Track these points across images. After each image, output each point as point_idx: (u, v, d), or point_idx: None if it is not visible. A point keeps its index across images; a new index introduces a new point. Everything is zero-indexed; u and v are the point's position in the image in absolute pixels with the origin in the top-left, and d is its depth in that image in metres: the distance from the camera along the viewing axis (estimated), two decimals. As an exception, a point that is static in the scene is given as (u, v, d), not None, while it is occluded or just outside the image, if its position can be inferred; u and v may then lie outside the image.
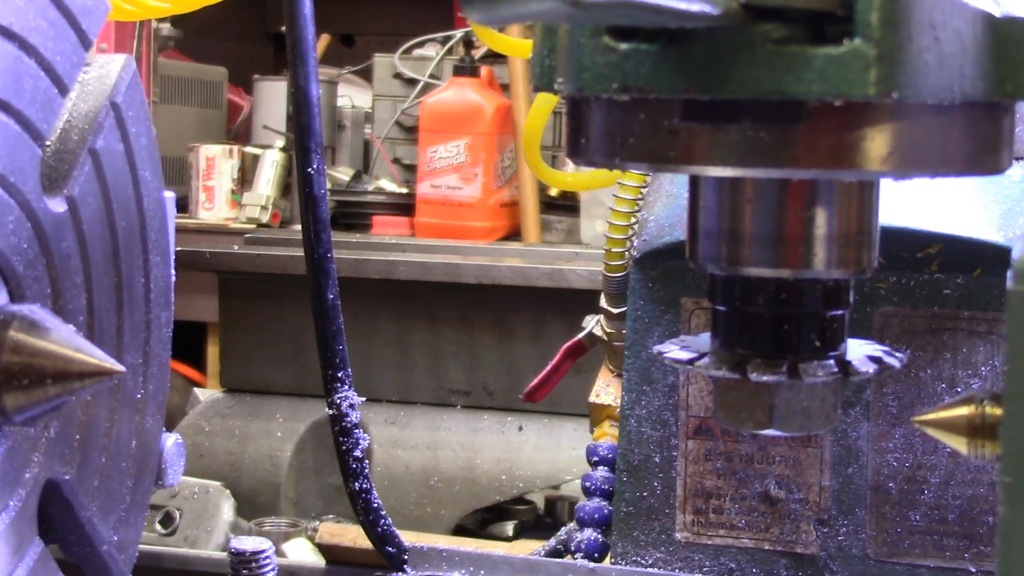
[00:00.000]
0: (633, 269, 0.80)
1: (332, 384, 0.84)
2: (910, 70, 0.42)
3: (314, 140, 0.83)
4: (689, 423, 0.79)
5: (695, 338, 0.56)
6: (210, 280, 2.07)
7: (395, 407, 1.94)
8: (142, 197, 0.66)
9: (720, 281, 0.53)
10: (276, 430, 1.91)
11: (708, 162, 0.46)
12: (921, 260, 0.74)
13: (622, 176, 0.84)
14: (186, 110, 3.03)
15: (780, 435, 0.68)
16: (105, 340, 0.63)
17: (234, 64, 3.30)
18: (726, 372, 0.52)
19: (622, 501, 0.80)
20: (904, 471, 0.76)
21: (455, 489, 1.85)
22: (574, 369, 0.97)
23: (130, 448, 0.67)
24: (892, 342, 0.74)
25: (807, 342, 0.52)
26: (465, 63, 2.47)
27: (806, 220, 0.50)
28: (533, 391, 0.98)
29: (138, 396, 0.68)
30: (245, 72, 3.17)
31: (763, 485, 0.78)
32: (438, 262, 1.93)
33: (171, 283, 0.71)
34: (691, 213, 0.52)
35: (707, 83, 0.44)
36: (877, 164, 0.46)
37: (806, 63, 0.42)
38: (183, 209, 2.70)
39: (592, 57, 0.45)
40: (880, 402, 0.76)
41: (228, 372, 2.04)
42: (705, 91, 0.44)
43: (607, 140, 0.49)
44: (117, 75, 0.64)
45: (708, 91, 0.44)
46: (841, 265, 0.51)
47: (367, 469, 0.85)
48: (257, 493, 1.84)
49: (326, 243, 0.84)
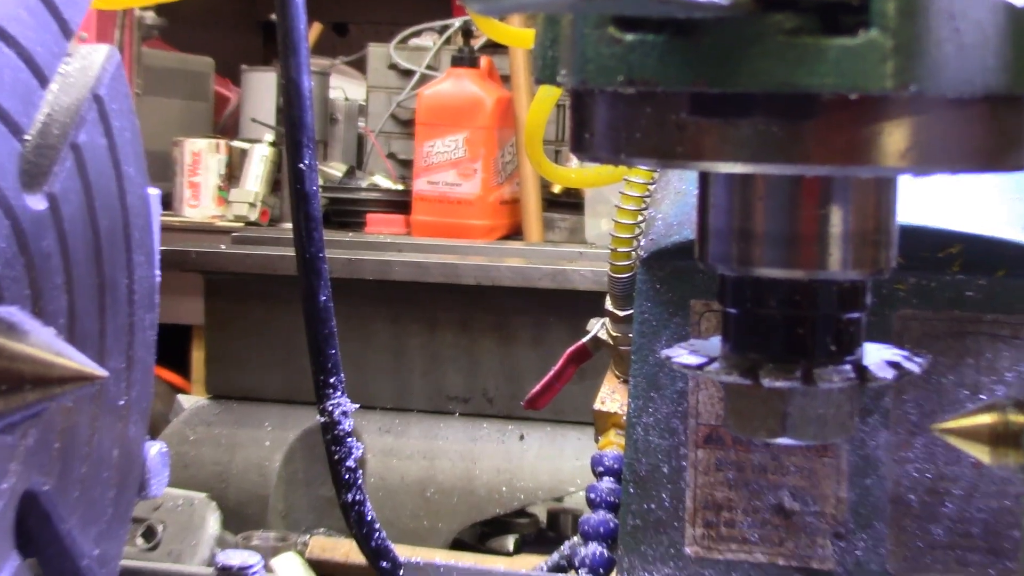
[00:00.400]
0: (640, 270, 0.80)
1: (324, 390, 0.84)
2: (929, 62, 0.43)
3: (306, 134, 0.83)
4: (699, 431, 0.79)
5: (705, 342, 0.56)
6: (195, 281, 2.07)
7: (390, 414, 1.95)
8: (126, 194, 0.67)
9: (731, 282, 0.53)
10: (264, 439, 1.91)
11: (718, 158, 0.47)
12: (942, 260, 0.75)
13: (628, 172, 0.84)
14: (171, 102, 3.04)
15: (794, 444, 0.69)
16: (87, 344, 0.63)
17: (221, 54, 3.30)
18: (737, 377, 0.52)
19: (628, 513, 0.80)
20: (925, 482, 0.76)
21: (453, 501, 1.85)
22: (578, 375, 0.97)
23: (112, 457, 0.67)
24: (912, 346, 0.75)
25: (822, 346, 0.52)
26: (464, 53, 2.47)
27: (821, 218, 0.50)
28: (535, 398, 0.98)
29: (121, 402, 0.68)
30: (233, 63, 3.17)
31: (777, 497, 0.78)
32: (435, 262, 1.93)
33: (156, 284, 0.72)
34: (700, 211, 0.53)
35: (716, 76, 0.44)
36: (895, 160, 0.46)
37: (820, 55, 0.43)
38: (167, 206, 2.70)
39: (596, 48, 0.46)
40: (900, 410, 0.76)
41: (214, 378, 2.04)
42: (714, 84, 0.44)
43: (612, 135, 0.49)
44: (100, 66, 0.64)
45: (717, 84, 0.44)
46: (858, 265, 0.51)
47: (360, 480, 0.85)
48: (244, 505, 1.84)
49: (318, 242, 0.84)
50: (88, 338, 0.64)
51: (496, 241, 2.40)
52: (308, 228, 0.84)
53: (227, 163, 2.80)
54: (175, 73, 3.07)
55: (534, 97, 0.96)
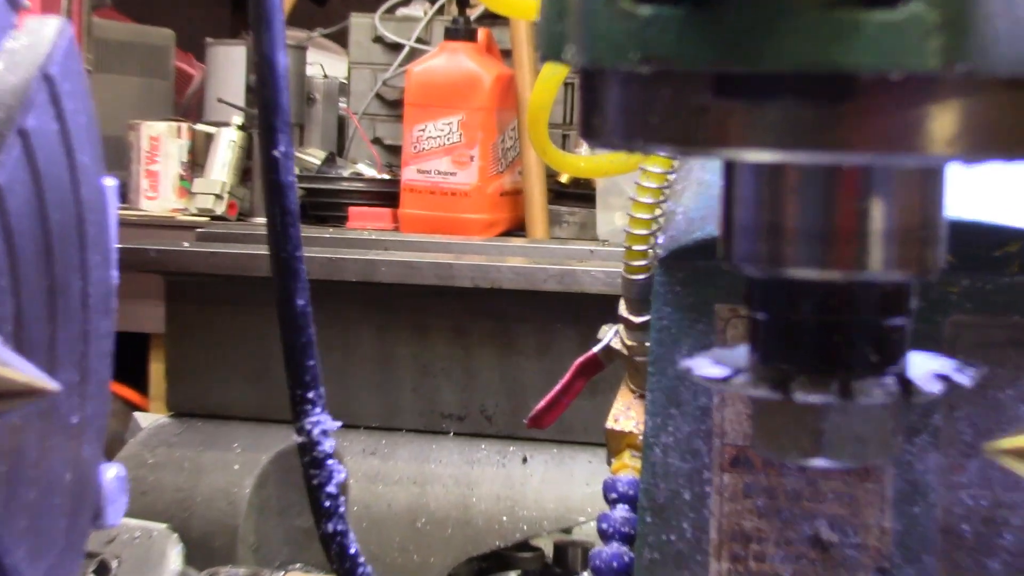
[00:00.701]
0: (658, 270, 0.81)
1: (301, 406, 0.85)
2: (979, 38, 0.43)
3: (280, 117, 0.84)
4: (724, 453, 0.80)
5: (730, 352, 0.57)
6: (154, 283, 2.08)
7: (376, 434, 1.95)
8: (80, 185, 0.67)
9: (759, 284, 0.54)
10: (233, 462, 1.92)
11: (744, 144, 0.47)
12: (998, 260, 0.75)
13: (645, 161, 0.84)
14: (125, 80, 3.04)
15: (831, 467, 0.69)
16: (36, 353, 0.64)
17: (183, 26, 3.31)
18: (766, 391, 0.53)
19: (645, 546, 0.81)
20: (980, 510, 0.77)
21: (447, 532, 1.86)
22: (588, 389, 0.98)
23: (64, 481, 0.68)
24: (964, 356, 0.75)
25: (862, 356, 0.53)
26: (458, 25, 2.48)
27: (859, 212, 0.51)
28: (540, 415, 0.99)
29: (74, 420, 0.69)
30: (196, 35, 3.18)
31: (813, 527, 0.78)
32: (427, 262, 1.94)
33: (113, 287, 0.72)
34: (725, 205, 0.53)
35: (742, 54, 0.44)
36: (942, 147, 0.46)
37: (857, 30, 0.43)
38: (122, 198, 2.71)
39: (608, 23, 0.46)
40: (951, 428, 0.77)
41: (176, 393, 2.05)
42: (739, 63, 0.45)
43: (626, 119, 0.50)
44: (51, 42, 0.65)
45: (743, 63, 0.45)
46: (901, 265, 0.52)
47: (343, 508, 0.86)
48: (210, 537, 1.85)
49: (294, 239, 0.85)
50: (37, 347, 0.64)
51: (495, 238, 2.41)
52: (283, 223, 0.84)
53: (190, 149, 2.81)
54: (130, 47, 3.08)
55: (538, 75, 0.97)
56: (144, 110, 2.98)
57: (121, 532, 1.65)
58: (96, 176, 0.70)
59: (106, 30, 2.96)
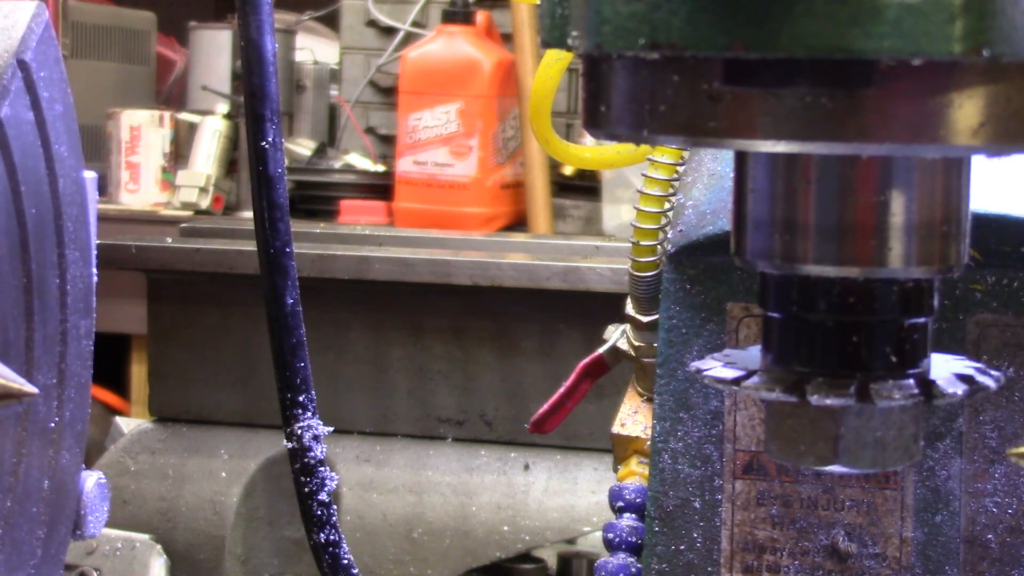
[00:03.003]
0: (667, 267, 0.81)
1: (291, 411, 0.85)
2: (1004, 22, 0.43)
3: (269, 106, 0.84)
4: (736, 459, 0.80)
5: (743, 352, 0.57)
6: (136, 281, 2.08)
7: (370, 440, 1.95)
8: (57, 178, 0.68)
9: (773, 282, 0.54)
10: (220, 469, 1.92)
11: (757, 134, 0.47)
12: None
13: (653, 152, 0.85)
14: (104, 66, 3.04)
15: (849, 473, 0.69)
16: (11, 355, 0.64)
17: (164, 8, 3.31)
18: (780, 394, 0.53)
19: (654, 556, 0.81)
20: (1005, 519, 0.77)
21: (444, 543, 1.86)
22: (593, 392, 0.98)
23: (42, 489, 0.68)
24: (989, 357, 0.75)
25: (881, 357, 0.53)
26: (457, 7, 2.48)
27: (879, 206, 0.51)
28: (542, 420, 0.99)
29: (52, 425, 0.69)
30: (178, 18, 3.18)
31: (830, 536, 0.79)
32: (423, 258, 1.94)
33: (92, 285, 0.72)
34: (737, 198, 0.53)
35: (755, 38, 0.45)
36: (966, 137, 0.47)
37: (876, 14, 0.43)
38: (101, 192, 2.71)
39: (614, 6, 0.47)
40: (976, 433, 0.77)
41: (159, 397, 2.05)
42: (753, 48, 0.45)
43: (633, 108, 0.50)
44: (26, 26, 0.65)
45: (756, 48, 0.45)
46: (923, 262, 0.52)
47: (335, 517, 0.86)
48: (196, 548, 1.85)
49: (283, 234, 0.85)
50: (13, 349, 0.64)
51: (496, 233, 2.41)
52: (272, 218, 0.85)
53: (172, 139, 2.81)
54: (109, 31, 3.08)
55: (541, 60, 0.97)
56: (124, 98, 2.98)
57: (102, 543, 1.65)
58: (74, 168, 0.70)
59: (83, 13, 2.96)
